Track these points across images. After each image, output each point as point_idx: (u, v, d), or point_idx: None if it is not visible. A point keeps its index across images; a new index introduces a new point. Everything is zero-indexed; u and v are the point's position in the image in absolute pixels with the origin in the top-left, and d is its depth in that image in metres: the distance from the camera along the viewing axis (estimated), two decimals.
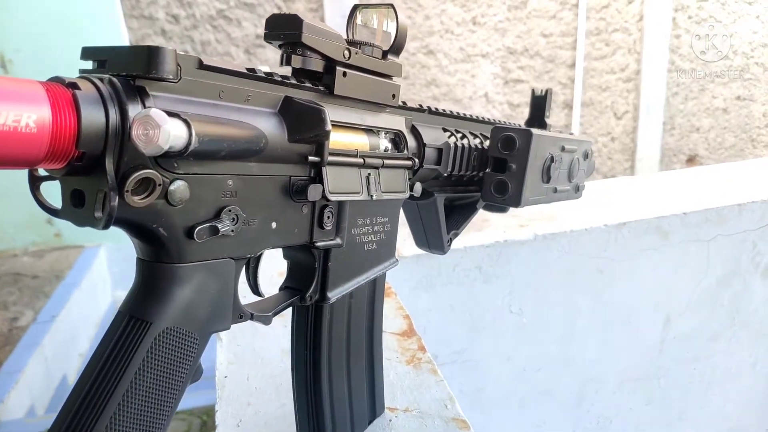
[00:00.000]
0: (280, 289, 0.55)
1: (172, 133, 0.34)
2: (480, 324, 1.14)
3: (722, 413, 1.45)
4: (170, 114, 0.35)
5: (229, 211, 0.43)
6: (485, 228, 1.16)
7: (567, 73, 4.29)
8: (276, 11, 3.57)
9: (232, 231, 0.44)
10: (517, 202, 0.67)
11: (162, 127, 0.34)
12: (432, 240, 0.73)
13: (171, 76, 0.37)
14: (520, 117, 4.18)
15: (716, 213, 1.22)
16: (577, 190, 0.82)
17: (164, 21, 3.35)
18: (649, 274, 1.24)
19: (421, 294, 1.09)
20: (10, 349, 2.45)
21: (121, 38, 3.13)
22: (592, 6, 4.17)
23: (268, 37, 0.49)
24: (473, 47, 4.06)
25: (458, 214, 0.76)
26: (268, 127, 0.45)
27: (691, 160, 4.65)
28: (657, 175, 1.75)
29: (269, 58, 3.33)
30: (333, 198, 0.50)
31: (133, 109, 0.36)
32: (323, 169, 0.49)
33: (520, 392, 1.22)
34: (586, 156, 0.82)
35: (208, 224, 0.42)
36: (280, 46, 0.49)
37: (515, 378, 1.20)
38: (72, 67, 0.39)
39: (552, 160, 0.71)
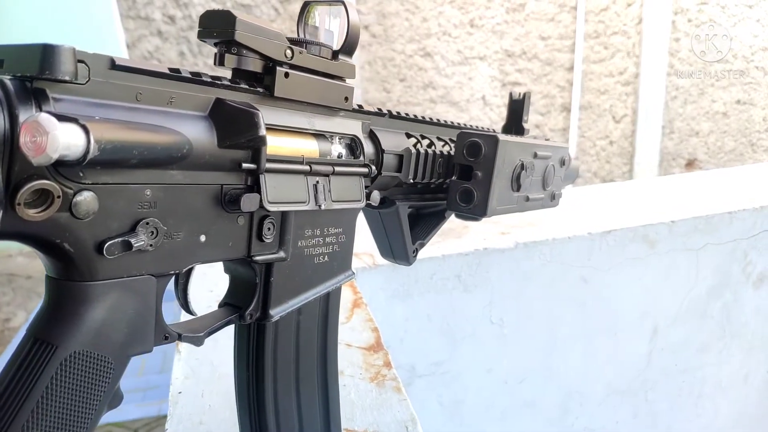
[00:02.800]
0: (219, 306, 0.51)
1: (62, 141, 0.31)
2: (459, 335, 1.10)
3: (713, 427, 1.41)
4: (66, 119, 0.32)
5: (147, 224, 0.39)
6: (464, 235, 1.12)
7: (565, 76, 4.26)
8: (272, 12, 3.55)
9: (151, 245, 0.40)
10: (483, 212, 0.63)
11: (51, 134, 0.30)
12: (396, 250, 0.69)
13: (68, 77, 0.33)
14: None
15: (705, 221, 1.18)
16: (553, 198, 0.79)
17: (160, 22, 3.33)
18: (636, 284, 1.20)
19: (398, 303, 1.06)
20: (2, 349, 2.43)
21: (117, 39, 3.11)
22: (591, 9, 4.14)
23: (202, 35, 0.45)
24: (471, 50, 4.04)
25: (425, 223, 0.72)
26: (194, 131, 0.41)
27: (691, 164, 4.61)
28: (645, 182, 1.71)
29: None
30: (272, 208, 0.46)
31: (25, 114, 0.32)
32: (261, 176, 0.45)
33: (501, 405, 1.18)
34: (562, 163, 0.78)
35: (120, 239, 0.38)
36: (215, 45, 0.46)
37: (496, 390, 1.16)
38: None
39: (523, 167, 0.68)
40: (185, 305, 0.47)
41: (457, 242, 1.08)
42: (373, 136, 0.59)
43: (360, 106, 0.58)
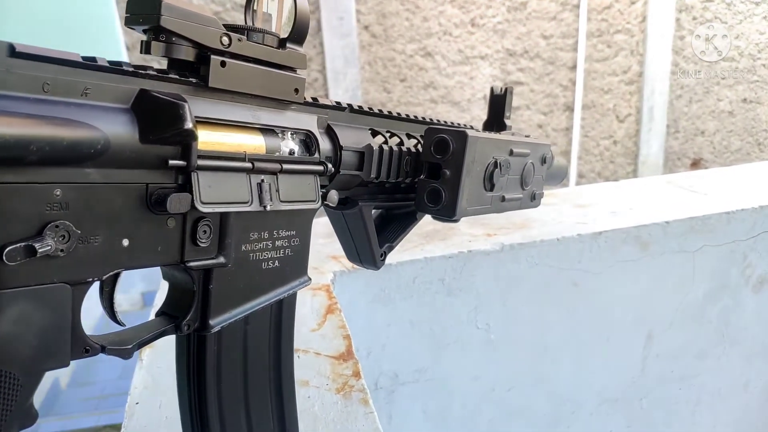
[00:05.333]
0: (156, 315, 0.47)
1: None
2: (444, 341, 1.06)
3: None
4: None
5: (57, 227, 0.36)
6: (449, 237, 1.08)
7: (568, 75, 4.21)
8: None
9: (62, 251, 0.36)
10: (451, 213, 0.59)
11: None
12: (363, 254, 0.65)
13: None
14: (519, 120, 4.10)
15: (702, 222, 1.13)
16: (534, 198, 0.74)
17: None
18: (629, 288, 1.15)
19: (380, 308, 1.02)
20: None
21: (117, 42, 3.10)
22: (594, 7, 4.09)
23: (128, 21, 0.42)
24: (472, 49, 4.00)
25: (396, 225, 0.68)
26: (113, 126, 0.37)
27: (696, 164, 4.54)
28: (639, 181, 1.66)
29: None
30: (207, 209, 0.42)
31: None
32: (192, 174, 0.41)
33: (488, 414, 1.14)
34: (543, 161, 0.74)
35: (22, 243, 0.34)
36: (144, 32, 0.42)
37: (483, 398, 1.12)
38: None
39: (497, 165, 0.64)
40: (111, 315, 0.43)
41: (441, 244, 1.04)
42: (330, 132, 0.55)
43: (315, 99, 0.54)
